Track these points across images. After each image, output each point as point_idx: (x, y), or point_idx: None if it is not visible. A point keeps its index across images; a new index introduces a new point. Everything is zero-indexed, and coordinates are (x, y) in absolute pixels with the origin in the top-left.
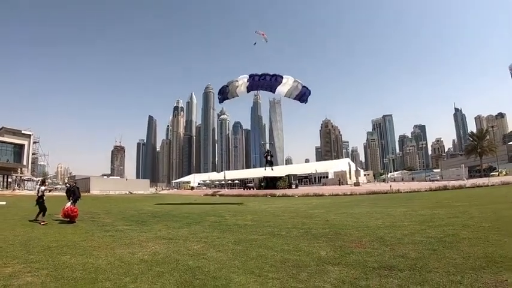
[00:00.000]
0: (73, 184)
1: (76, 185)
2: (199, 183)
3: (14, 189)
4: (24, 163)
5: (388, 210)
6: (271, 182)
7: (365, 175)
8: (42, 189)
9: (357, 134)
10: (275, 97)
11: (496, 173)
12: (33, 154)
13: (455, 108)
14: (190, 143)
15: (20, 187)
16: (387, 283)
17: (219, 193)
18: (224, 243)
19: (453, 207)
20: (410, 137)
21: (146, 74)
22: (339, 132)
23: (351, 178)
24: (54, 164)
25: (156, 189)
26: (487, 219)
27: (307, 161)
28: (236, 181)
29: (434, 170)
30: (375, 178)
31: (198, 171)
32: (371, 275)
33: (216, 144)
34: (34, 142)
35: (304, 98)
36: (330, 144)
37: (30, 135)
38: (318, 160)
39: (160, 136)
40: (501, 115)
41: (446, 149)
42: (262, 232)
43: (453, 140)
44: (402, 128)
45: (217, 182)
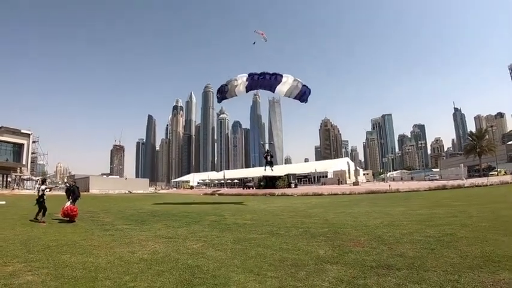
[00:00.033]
0: (72, 183)
1: (75, 185)
2: (198, 182)
3: (14, 188)
4: (23, 162)
5: (387, 209)
6: (270, 182)
7: (364, 174)
8: (42, 188)
9: (357, 134)
10: (274, 96)
11: (495, 173)
12: (32, 153)
13: (454, 107)
14: (189, 142)
15: (19, 186)
16: (385, 282)
17: (219, 192)
18: (223, 242)
19: (452, 206)
20: (409, 137)
21: (146, 73)
22: (339, 131)
23: (350, 177)
24: (53, 164)
25: (156, 188)
26: (486, 218)
27: (306, 161)
28: (235, 180)
29: (433, 170)
30: (374, 177)
31: (198, 170)
32: (369, 274)
33: (216, 143)
34: (33, 141)
35: (304, 97)
36: (330, 143)
37: (29, 134)
38: (318, 159)
39: (159, 135)
40: (500, 115)
41: (445, 149)
42: (261, 231)
43: (452, 140)
44: (402, 128)
45: (216, 181)
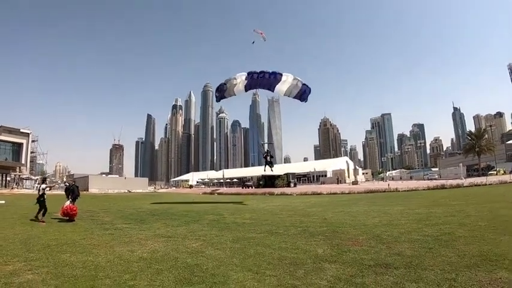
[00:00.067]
0: (72, 183)
1: (75, 184)
2: (197, 181)
3: (13, 188)
4: (22, 162)
5: (386, 208)
6: (269, 181)
7: (363, 174)
8: (43, 187)
9: (356, 133)
10: (274, 96)
11: (494, 172)
12: (31, 153)
13: (453, 107)
14: (188, 142)
15: (19, 186)
16: (383, 280)
17: (218, 191)
18: (222, 241)
19: (450, 206)
20: (408, 136)
21: (145, 73)
22: (338, 130)
23: (349, 177)
24: (52, 163)
25: (155, 187)
26: (484, 218)
27: (305, 160)
28: (235, 179)
29: (432, 169)
30: (373, 177)
31: (197, 169)
32: (367, 273)
33: (215, 142)
34: (33, 141)
35: (304, 96)
36: (329, 142)
37: (28, 133)
38: (317, 159)
39: (158, 134)
40: (499, 114)
41: (444, 148)
42: (260, 230)
43: (452, 139)
44: (401, 127)
45: (215, 181)
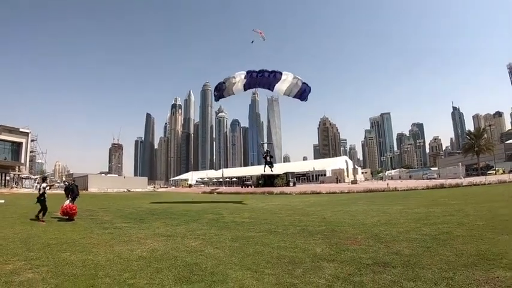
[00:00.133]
0: (71, 182)
1: (74, 183)
2: (197, 180)
3: (12, 187)
4: (22, 161)
5: (385, 208)
6: (269, 180)
7: (363, 173)
8: (43, 186)
9: (355, 132)
10: (273, 95)
11: (493, 172)
12: (31, 152)
13: (453, 106)
14: (188, 141)
15: (18, 185)
16: (380, 279)
17: (217, 191)
18: (221, 240)
19: (449, 205)
20: (408, 135)
21: (144, 72)
22: (337, 130)
23: (349, 176)
24: (51, 162)
25: (154, 187)
26: (482, 217)
27: (305, 159)
28: (234, 179)
29: (431, 168)
30: (373, 176)
31: (196, 169)
32: (365, 271)
33: (214, 142)
34: (32, 140)
35: (304, 95)
36: (328, 142)
37: (28, 133)
38: (316, 158)
39: (158, 134)
40: (499, 114)
41: (444, 148)
42: (259, 229)
43: (451, 139)
44: (400, 126)
45: (215, 180)
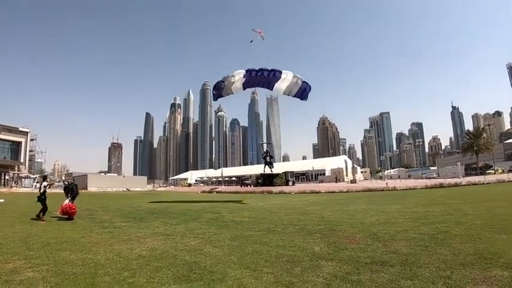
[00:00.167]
0: (71, 181)
1: (74, 182)
2: (196, 180)
3: (12, 186)
4: (21, 160)
5: (383, 207)
6: (268, 179)
7: (362, 172)
8: (44, 185)
9: (354, 132)
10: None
11: (492, 171)
12: (30, 151)
13: (452, 106)
14: (187, 140)
15: (18, 184)
16: (378, 278)
17: (216, 190)
18: (221, 239)
19: (447, 204)
20: (407, 135)
21: (144, 71)
22: (336, 129)
23: (348, 175)
24: (51, 161)
25: (154, 186)
26: (481, 216)
27: (304, 158)
28: (233, 178)
29: (431, 168)
30: (372, 175)
31: (196, 168)
32: (363, 270)
33: (213, 141)
34: (31, 139)
35: (305, 95)
36: (327, 141)
37: (27, 132)
38: (315, 157)
39: (157, 133)
40: (498, 113)
41: (443, 147)
42: (258, 228)
43: (450, 138)
44: (399, 126)
45: (214, 179)
